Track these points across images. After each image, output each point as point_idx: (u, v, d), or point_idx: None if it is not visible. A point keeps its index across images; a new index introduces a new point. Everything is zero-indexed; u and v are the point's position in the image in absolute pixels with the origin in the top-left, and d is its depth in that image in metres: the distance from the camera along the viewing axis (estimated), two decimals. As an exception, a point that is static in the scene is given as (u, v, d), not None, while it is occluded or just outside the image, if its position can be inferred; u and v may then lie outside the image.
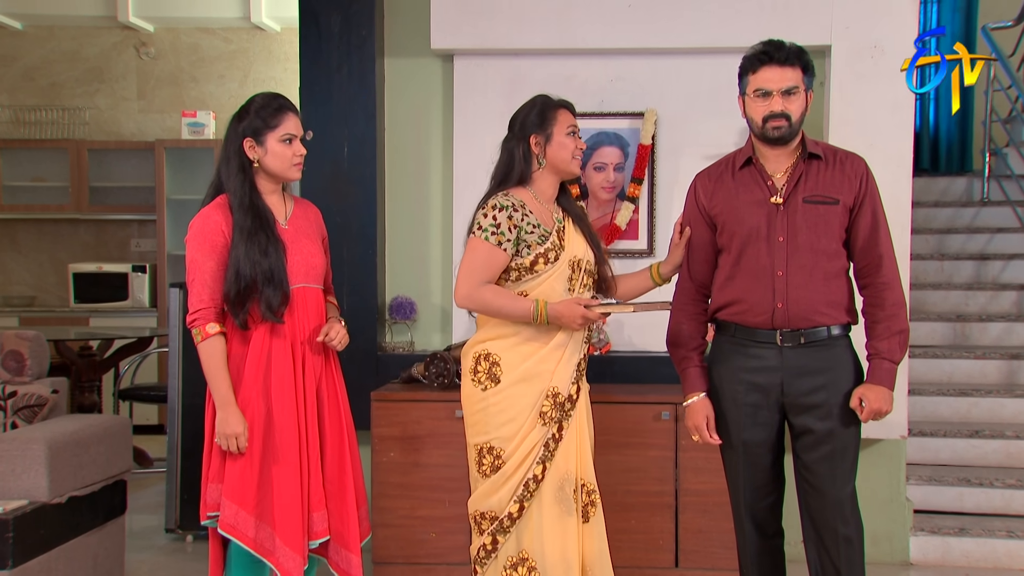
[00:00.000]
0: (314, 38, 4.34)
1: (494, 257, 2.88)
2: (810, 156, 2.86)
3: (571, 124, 3.00)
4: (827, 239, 2.81)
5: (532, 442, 2.88)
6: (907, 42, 4.19)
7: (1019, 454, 4.67)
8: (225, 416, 2.80)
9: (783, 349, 2.84)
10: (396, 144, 4.50)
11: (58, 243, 7.58)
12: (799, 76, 2.81)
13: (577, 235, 3.02)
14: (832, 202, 2.81)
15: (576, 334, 2.96)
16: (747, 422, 2.90)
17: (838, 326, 2.84)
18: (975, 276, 5.83)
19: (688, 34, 4.25)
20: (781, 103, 2.80)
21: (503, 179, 3.00)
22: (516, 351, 2.91)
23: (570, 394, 2.94)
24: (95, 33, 7.55)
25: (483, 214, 2.91)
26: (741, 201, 2.90)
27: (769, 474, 2.94)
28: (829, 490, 2.85)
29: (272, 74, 7.48)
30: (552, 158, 2.98)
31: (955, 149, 6.95)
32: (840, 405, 2.82)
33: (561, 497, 2.90)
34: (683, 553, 3.92)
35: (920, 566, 4.31)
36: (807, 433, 2.85)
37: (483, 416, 2.92)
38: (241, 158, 2.88)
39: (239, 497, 2.80)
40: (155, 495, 5.37)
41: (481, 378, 2.93)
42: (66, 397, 3.84)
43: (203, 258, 2.82)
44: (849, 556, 2.85)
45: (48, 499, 3.28)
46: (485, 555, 2.92)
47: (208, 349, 2.82)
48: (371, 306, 4.36)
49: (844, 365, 2.85)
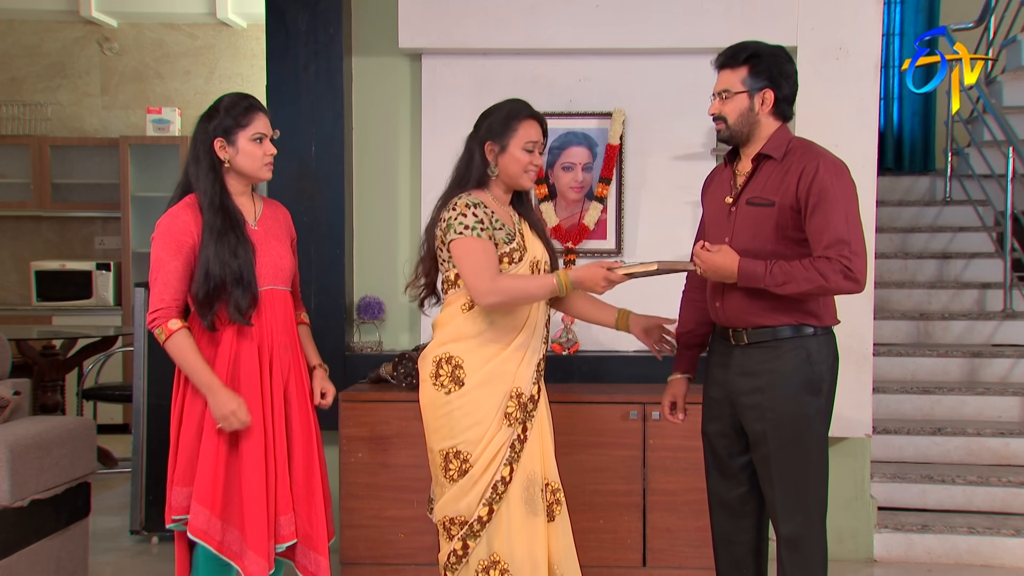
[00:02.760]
0: (281, 36, 4.31)
1: (490, 250, 2.85)
2: (763, 157, 2.85)
3: (532, 139, 2.93)
4: (761, 241, 2.78)
5: (499, 444, 2.87)
6: (871, 44, 4.25)
7: (980, 451, 4.74)
8: (216, 400, 2.76)
9: (733, 348, 2.90)
10: (364, 143, 4.47)
11: (20, 240, 7.47)
12: (735, 79, 2.83)
13: (533, 238, 3.02)
14: (767, 204, 2.78)
15: (535, 336, 2.95)
16: (707, 414, 3.03)
17: (787, 328, 2.81)
18: (937, 275, 5.91)
19: (656, 35, 4.26)
20: (717, 106, 2.88)
21: (462, 179, 2.98)
22: (479, 353, 2.89)
23: (532, 394, 2.93)
24: (57, 28, 7.44)
25: (461, 214, 2.86)
26: (713, 199, 2.98)
27: (731, 467, 2.98)
28: (767, 491, 2.89)
29: (238, 70, 7.42)
30: (503, 169, 2.94)
31: (918, 149, 7.04)
32: (778, 409, 2.80)
33: (528, 497, 2.89)
34: (651, 552, 3.94)
35: (884, 563, 4.36)
36: (749, 432, 2.89)
37: (447, 420, 2.89)
38: (212, 158, 2.85)
39: (208, 501, 2.78)
40: (120, 496, 5.31)
41: (444, 382, 2.89)
42: (28, 397, 3.78)
43: (168, 257, 2.79)
44: (792, 559, 2.86)
45: (9, 503, 3.23)
46: (456, 560, 2.90)
47: (176, 344, 2.78)
48: (339, 306, 4.34)
49: (787, 368, 2.81)
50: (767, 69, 2.83)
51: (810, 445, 2.83)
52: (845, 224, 2.68)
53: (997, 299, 5.63)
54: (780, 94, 2.85)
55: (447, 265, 2.94)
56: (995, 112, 5.57)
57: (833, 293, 2.73)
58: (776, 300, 2.77)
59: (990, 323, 5.49)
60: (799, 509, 2.84)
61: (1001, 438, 4.72)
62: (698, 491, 3.87)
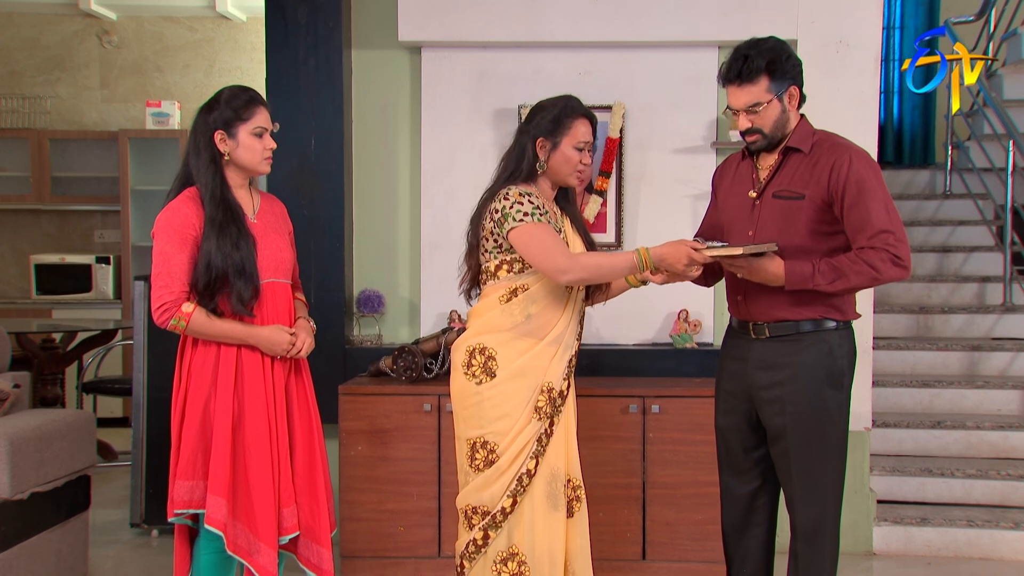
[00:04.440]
0: (280, 29, 4.30)
1: (555, 232, 2.83)
2: (790, 150, 2.83)
3: (583, 139, 2.91)
4: (791, 235, 2.77)
5: (527, 437, 2.86)
6: (872, 37, 4.24)
7: (979, 444, 4.75)
8: (263, 338, 2.84)
9: (753, 341, 2.88)
10: (364, 137, 4.47)
11: (19, 234, 7.47)
12: (760, 90, 2.76)
13: (575, 236, 3.01)
14: (796, 197, 2.77)
15: (569, 332, 2.93)
16: (721, 407, 3.01)
17: (809, 322, 2.80)
18: (937, 268, 5.91)
19: (656, 28, 4.26)
20: (747, 121, 2.80)
21: (513, 172, 2.94)
22: (511, 346, 2.88)
23: (562, 390, 2.93)
24: (56, 21, 7.43)
25: (517, 202, 2.82)
26: (732, 192, 2.95)
27: (745, 462, 2.97)
28: (786, 484, 2.88)
29: (238, 64, 7.41)
30: (553, 166, 2.93)
31: (918, 142, 7.04)
32: (799, 403, 2.79)
33: (550, 492, 2.89)
34: (650, 545, 3.94)
35: (883, 556, 4.37)
36: (768, 426, 2.88)
37: (477, 410, 2.88)
38: (212, 150, 2.85)
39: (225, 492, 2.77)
40: (120, 489, 5.32)
41: (476, 372, 2.89)
42: (28, 391, 3.79)
43: (174, 250, 2.78)
44: (807, 552, 2.86)
45: (9, 495, 3.24)
46: (475, 550, 2.90)
47: (198, 323, 2.77)
48: (338, 299, 4.34)
49: (810, 362, 2.80)
50: (783, 68, 2.78)
51: (830, 439, 2.83)
52: (886, 214, 2.70)
53: (997, 293, 5.63)
54: (800, 85, 2.84)
55: (489, 256, 2.92)
56: (995, 105, 5.56)
57: (884, 282, 2.72)
58: (801, 294, 2.76)
59: (990, 316, 5.49)
60: (817, 502, 2.84)
61: (1000, 431, 4.73)
62: (698, 484, 3.89)
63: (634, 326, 4.37)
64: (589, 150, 2.95)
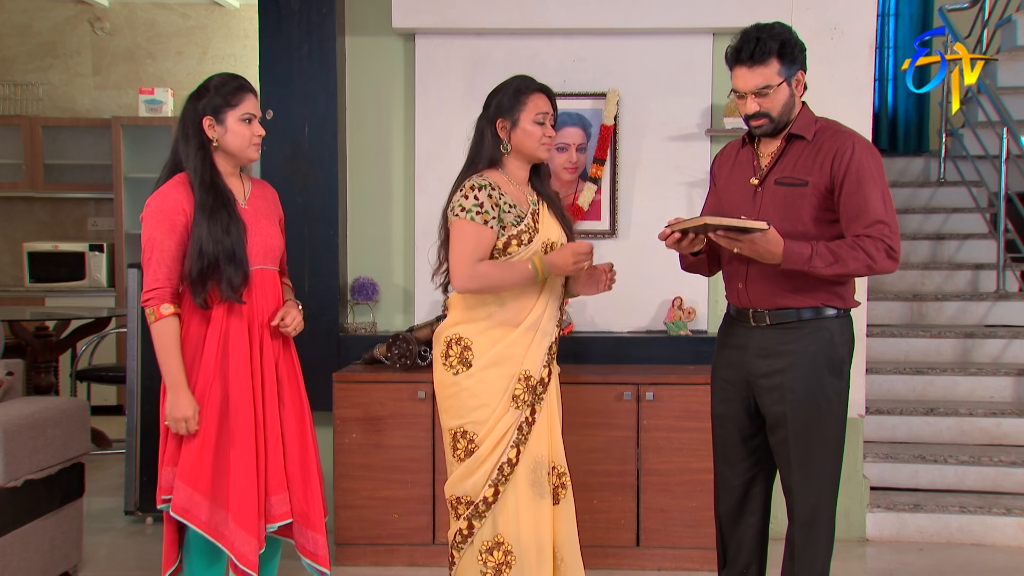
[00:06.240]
0: (274, 15, 4.28)
1: (483, 236, 2.85)
2: (793, 137, 2.82)
3: (542, 111, 2.93)
4: (793, 221, 2.76)
5: (505, 426, 2.87)
6: (866, 24, 4.24)
7: (972, 431, 4.76)
8: (175, 399, 2.78)
9: (752, 329, 2.87)
10: (357, 124, 4.46)
11: (12, 221, 7.45)
12: (771, 72, 2.73)
13: (551, 219, 3.00)
14: (799, 183, 2.77)
15: (546, 318, 2.94)
16: (717, 396, 3.00)
17: (809, 309, 2.80)
18: (931, 256, 5.92)
19: (650, 14, 4.24)
20: (755, 104, 2.78)
21: (474, 160, 2.97)
22: (486, 335, 2.89)
23: (542, 377, 2.93)
24: (48, 7, 7.39)
25: (463, 195, 2.86)
26: (733, 179, 2.94)
27: (741, 450, 2.96)
28: (785, 472, 2.89)
29: (231, 51, 7.38)
30: (517, 144, 2.94)
31: (912, 130, 7.04)
32: (799, 391, 2.79)
33: (534, 480, 2.90)
34: (644, 532, 3.95)
35: (876, 542, 4.39)
36: (767, 414, 2.87)
37: (456, 401, 2.90)
38: (200, 137, 2.84)
39: (193, 480, 2.78)
40: (114, 477, 5.32)
41: (453, 362, 2.91)
42: (22, 379, 3.78)
43: (163, 236, 2.77)
44: (802, 538, 2.86)
45: (3, 483, 3.23)
46: (461, 540, 2.92)
47: (161, 330, 2.78)
48: (332, 287, 4.34)
49: (810, 350, 2.80)
50: (792, 52, 2.76)
51: (829, 427, 2.84)
52: (883, 204, 2.70)
53: (990, 280, 5.65)
54: (806, 71, 2.83)
55: None
56: (990, 93, 5.56)
57: (876, 273, 2.72)
58: (802, 281, 2.76)
59: (983, 304, 5.50)
60: (814, 490, 2.84)
61: (993, 418, 4.74)
62: (692, 472, 3.90)
63: (628, 313, 4.37)
64: (551, 123, 2.96)
